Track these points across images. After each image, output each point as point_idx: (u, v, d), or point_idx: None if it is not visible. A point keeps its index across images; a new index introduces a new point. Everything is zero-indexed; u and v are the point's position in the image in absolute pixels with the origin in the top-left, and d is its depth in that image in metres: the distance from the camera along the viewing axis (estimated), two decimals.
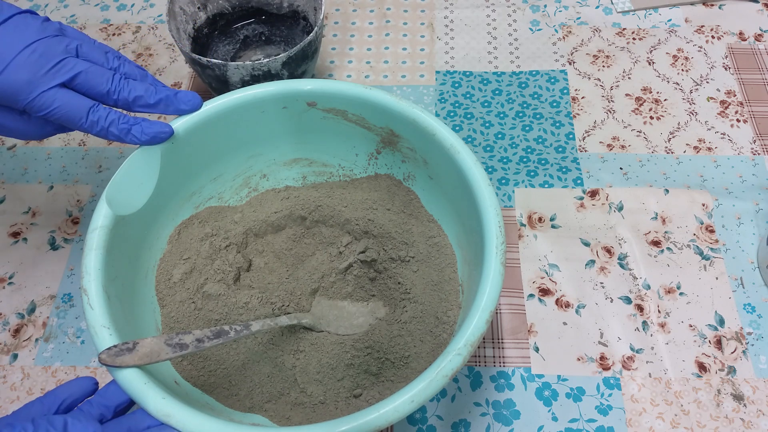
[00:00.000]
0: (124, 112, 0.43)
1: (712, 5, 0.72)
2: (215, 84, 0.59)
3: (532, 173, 0.60)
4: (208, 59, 0.56)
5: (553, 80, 0.67)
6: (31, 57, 0.39)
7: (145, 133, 0.43)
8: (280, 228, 0.53)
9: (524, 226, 0.57)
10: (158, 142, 0.44)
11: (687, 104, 0.65)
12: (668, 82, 0.66)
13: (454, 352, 0.36)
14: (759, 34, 0.70)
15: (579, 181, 0.59)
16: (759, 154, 0.61)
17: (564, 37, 0.70)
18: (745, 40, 0.69)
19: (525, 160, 0.61)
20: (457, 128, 0.63)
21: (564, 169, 0.60)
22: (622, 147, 0.62)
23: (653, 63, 0.68)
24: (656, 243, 0.55)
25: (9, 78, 0.39)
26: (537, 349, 0.51)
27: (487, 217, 0.41)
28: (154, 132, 0.43)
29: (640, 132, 0.63)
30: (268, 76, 0.58)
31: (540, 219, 0.57)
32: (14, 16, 0.40)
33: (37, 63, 0.39)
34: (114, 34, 0.72)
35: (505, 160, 0.61)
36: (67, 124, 0.41)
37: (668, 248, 0.55)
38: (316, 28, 0.58)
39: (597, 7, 0.73)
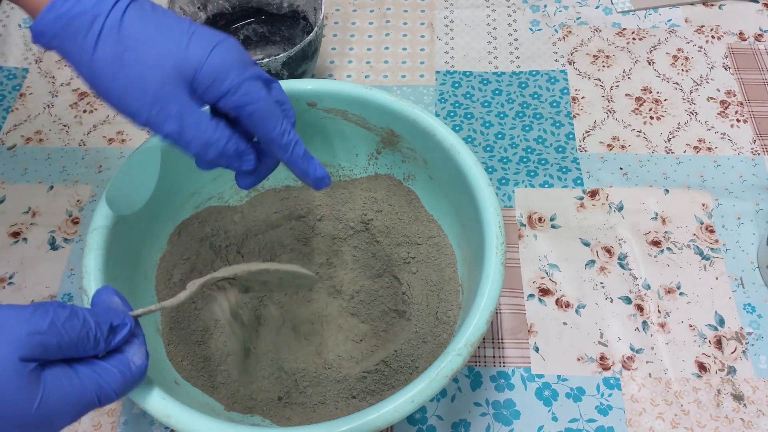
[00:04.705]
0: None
1: (712, 5, 0.72)
2: None
3: (532, 173, 0.60)
4: None
5: (553, 80, 0.67)
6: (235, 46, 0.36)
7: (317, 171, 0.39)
8: (280, 228, 0.53)
9: (524, 226, 0.57)
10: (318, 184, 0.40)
11: (687, 104, 0.65)
12: (668, 82, 0.66)
13: (454, 353, 0.36)
14: (759, 34, 0.70)
15: (579, 181, 0.59)
16: (759, 154, 0.61)
17: (564, 37, 0.70)
18: (745, 40, 0.69)
19: (525, 160, 0.61)
20: (457, 128, 0.63)
21: (564, 169, 0.60)
22: (622, 147, 0.62)
23: (653, 63, 0.68)
24: (656, 243, 0.55)
25: (223, 53, 0.34)
26: (537, 349, 0.51)
27: (487, 217, 0.41)
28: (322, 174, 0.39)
29: (640, 132, 0.63)
30: None
31: (540, 219, 0.57)
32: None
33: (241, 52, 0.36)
34: None
35: (505, 160, 0.61)
36: (260, 126, 0.36)
37: (668, 248, 0.55)
38: (316, 28, 0.58)
39: (597, 7, 0.73)
